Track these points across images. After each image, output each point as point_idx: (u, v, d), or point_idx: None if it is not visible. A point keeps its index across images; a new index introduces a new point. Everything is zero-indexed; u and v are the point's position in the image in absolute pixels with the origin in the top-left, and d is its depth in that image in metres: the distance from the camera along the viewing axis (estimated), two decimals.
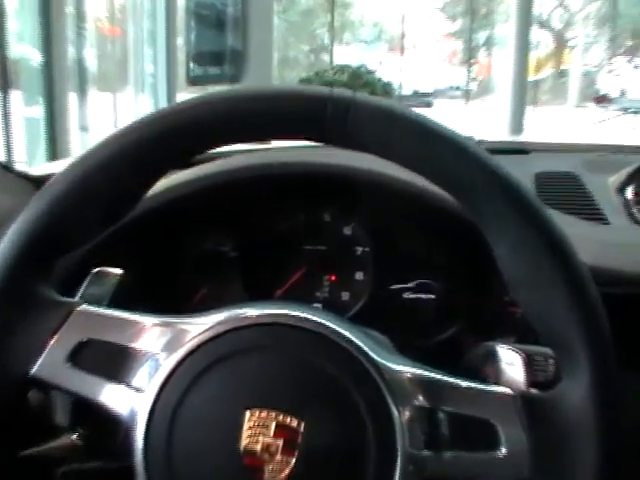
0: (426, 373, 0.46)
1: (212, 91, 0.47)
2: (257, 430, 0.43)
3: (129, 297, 0.56)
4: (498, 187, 0.44)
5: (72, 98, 3.65)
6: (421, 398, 0.44)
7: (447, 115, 8.97)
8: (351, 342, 0.45)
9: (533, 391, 0.47)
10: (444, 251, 0.80)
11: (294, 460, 0.43)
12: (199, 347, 0.45)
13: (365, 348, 0.45)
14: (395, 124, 0.44)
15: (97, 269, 0.57)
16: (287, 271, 0.82)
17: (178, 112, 0.46)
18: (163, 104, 4.75)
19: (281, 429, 0.42)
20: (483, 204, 0.44)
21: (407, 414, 0.44)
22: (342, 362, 0.44)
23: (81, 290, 0.55)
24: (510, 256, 0.44)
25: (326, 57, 13.06)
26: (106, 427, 0.49)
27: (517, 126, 6.70)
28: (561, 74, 14.17)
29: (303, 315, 0.46)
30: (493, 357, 0.52)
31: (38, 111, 3.26)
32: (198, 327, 0.46)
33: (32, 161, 3.24)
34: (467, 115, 10.31)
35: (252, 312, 0.46)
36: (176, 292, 0.82)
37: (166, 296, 0.79)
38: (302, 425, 0.43)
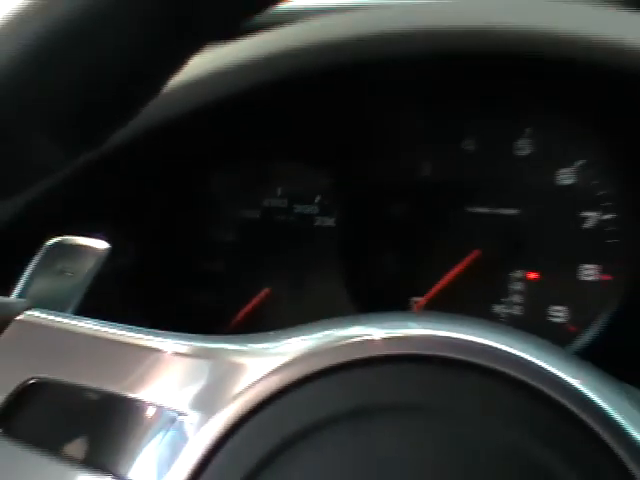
0: None
1: None
2: None
3: (121, 297, 0.39)
4: None
5: None
6: None
7: None
8: (595, 409, 0.25)
9: None
10: None
11: None
12: (270, 403, 0.27)
13: (624, 423, 0.25)
14: None
15: (55, 239, 0.36)
16: (437, 259, 0.55)
17: None
18: None
19: None
20: None
21: None
22: (577, 451, 0.25)
23: (22, 280, 0.35)
24: None
25: None
26: None
27: None
28: None
29: (496, 345, 0.26)
30: None
31: None
32: (267, 361, 0.27)
33: None
34: None
35: (379, 333, 0.27)
36: (211, 291, 0.59)
37: (192, 298, 0.58)
38: None
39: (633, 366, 0.37)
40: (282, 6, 0.29)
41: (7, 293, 0.34)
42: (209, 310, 0.61)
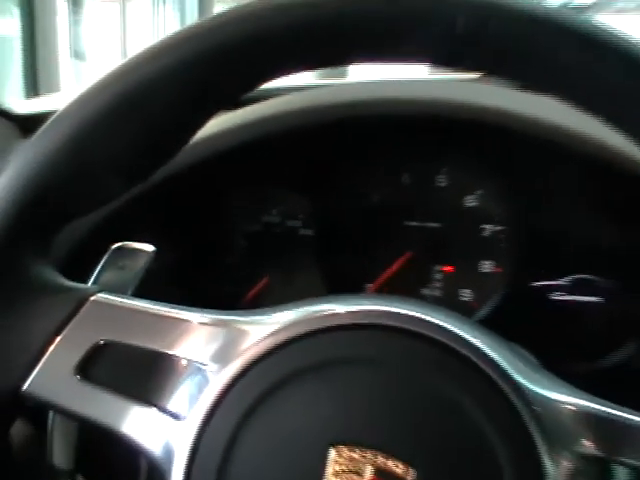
0: (598, 406, 0.26)
1: None
2: (347, 476, 0.25)
3: (163, 285, 0.39)
4: None
5: (61, 9, 1.83)
6: (589, 443, 0.25)
7: None
8: (487, 358, 0.26)
9: None
10: (618, 234, 0.45)
11: None
12: (265, 357, 0.27)
13: (508, 368, 0.26)
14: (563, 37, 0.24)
15: (118, 244, 0.37)
16: (383, 257, 0.56)
17: (246, 17, 0.26)
18: (193, 18, 2.61)
19: (381, 477, 0.24)
20: None
21: (567, 466, 0.24)
22: (474, 387, 0.25)
23: (95, 273, 0.35)
24: None
25: None
26: (124, 471, 0.31)
27: None
28: None
29: (421, 315, 0.27)
30: None
31: (13, 27, 1.71)
32: (263, 328, 0.28)
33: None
34: None
35: (341, 308, 0.27)
36: (226, 280, 0.59)
37: (213, 285, 0.57)
38: (411, 474, 0.24)
39: (515, 330, 0.39)
40: (273, 84, 0.30)
41: (85, 282, 0.36)
42: (225, 294, 0.63)
